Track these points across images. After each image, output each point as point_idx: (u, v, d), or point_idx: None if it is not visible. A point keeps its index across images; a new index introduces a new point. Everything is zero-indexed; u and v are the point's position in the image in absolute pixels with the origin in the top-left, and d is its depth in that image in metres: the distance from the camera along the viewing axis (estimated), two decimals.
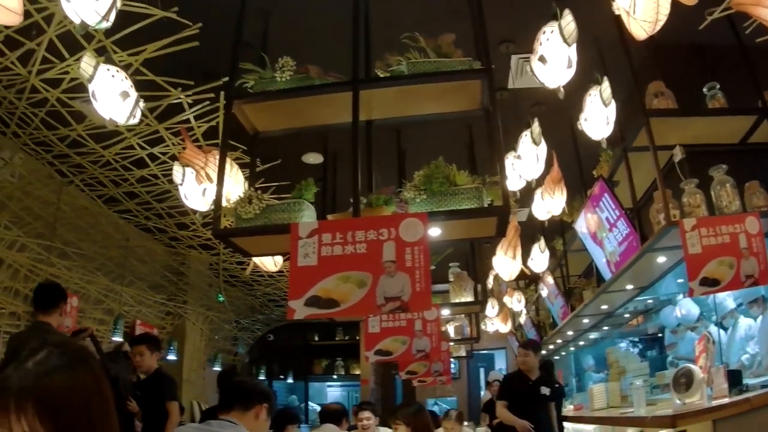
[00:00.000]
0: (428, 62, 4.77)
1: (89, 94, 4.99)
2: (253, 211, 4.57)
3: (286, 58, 5.06)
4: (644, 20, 4.22)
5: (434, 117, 5.22)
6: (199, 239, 11.86)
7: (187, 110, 7.21)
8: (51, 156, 8.80)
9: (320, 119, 5.30)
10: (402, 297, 3.90)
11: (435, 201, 4.34)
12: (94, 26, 4.12)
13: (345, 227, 4.17)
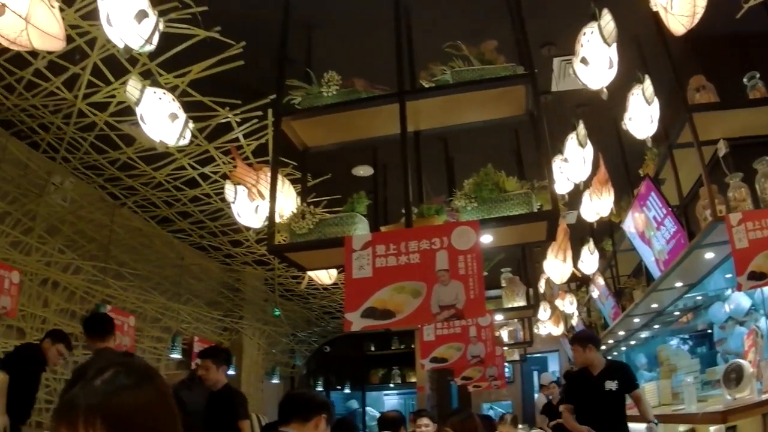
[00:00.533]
0: (472, 70, 4.78)
1: (137, 117, 5.08)
2: (306, 226, 4.61)
3: (331, 72, 5.10)
4: (682, 15, 4.23)
5: (480, 124, 5.21)
6: (253, 255, 11.94)
7: (236, 129, 7.28)
8: (102, 179, 8.93)
9: (368, 132, 5.33)
10: (456, 305, 3.93)
11: (485, 208, 4.36)
12: (138, 50, 4.20)
13: (398, 238, 4.20)
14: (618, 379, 7.20)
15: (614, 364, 7.69)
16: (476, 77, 4.75)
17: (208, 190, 8.91)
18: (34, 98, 6.92)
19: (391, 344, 19.29)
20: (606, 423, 7.09)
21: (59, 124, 7.49)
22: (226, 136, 7.49)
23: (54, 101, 6.99)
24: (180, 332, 12.04)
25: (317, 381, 19.55)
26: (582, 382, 7.48)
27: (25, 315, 8.77)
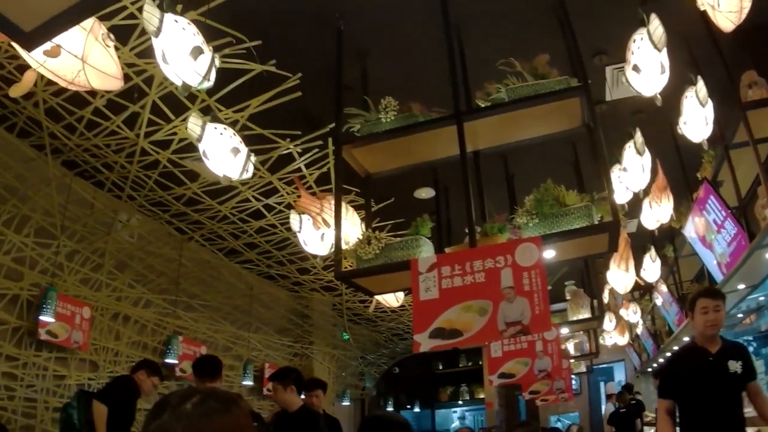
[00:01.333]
0: (526, 86, 4.82)
1: (200, 153, 5.19)
2: (372, 252, 4.70)
3: (388, 98, 5.17)
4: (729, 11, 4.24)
5: (538, 139, 5.24)
6: (321, 282, 12.02)
7: (298, 159, 7.38)
8: (168, 215, 9.09)
9: (428, 155, 5.39)
10: (522, 321, 3.97)
11: (547, 223, 4.41)
12: (196, 87, 4.27)
13: (463, 258, 4.25)
14: (742, 361, 5.17)
15: (733, 343, 5.59)
16: (531, 93, 4.79)
17: (273, 221, 9.02)
18: (95, 138, 7.09)
19: (459, 362, 19.26)
20: (728, 417, 5.10)
21: (123, 162, 7.66)
22: (288, 167, 7.60)
23: (116, 140, 7.15)
24: (251, 360, 12.15)
25: (387, 401, 19.59)
26: (695, 361, 5.28)
27: (98, 348, 8.94)
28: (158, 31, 4.04)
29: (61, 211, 8.16)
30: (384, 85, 5.67)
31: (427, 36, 5.68)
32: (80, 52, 4.06)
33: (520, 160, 7.46)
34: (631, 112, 7.33)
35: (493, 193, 6.39)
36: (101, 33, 4.19)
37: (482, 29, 5.88)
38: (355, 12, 5.69)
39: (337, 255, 5.03)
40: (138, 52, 5.71)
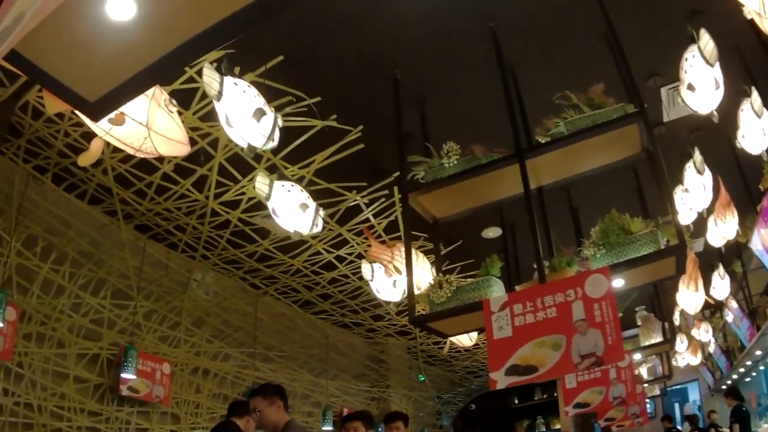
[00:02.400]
0: (584, 117, 4.82)
1: (270, 210, 5.29)
2: (445, 295, 4.73)
3: (450, 143, 5.23)
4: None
5: (600, 169, 5.22)
6: (394, 327, 12.08)
7: (365, 210, 7.50)
8: (242, 272, 9.26)
9: (493, 195, 5.40)
10: (596, 352, 3.95)
11: (614, 253, 4.40)
12: (261, 148, 4.36)
13: (534, 295, 4.26)
14: None
15: None
16: (589, 124, 4.78)
17: (345, 271, 9.13)
18: (166, 202, 7.32)
19: (534, 395, 19.15)
20: None
21: (194, 224, 7.85)
22: (356, 218, 7.71)
23: (186, 203, 7.36)
24: (330, 406, 12.23)
25: None
26: None
27: (179, 401, 9.14)
28: (220, 95, 4.16)
29: (137, 273, 8.38)
30: (444, 129, 5.74)
31: (483, 77, 5.68)
32: (145, 119, 4.17)
33: (583, 191, 7.38)
34: (689, 130, 7.24)
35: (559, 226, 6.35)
36: (163, 99, 4.31)
37: (536, 65, 5.91)
38: (410, 60, 5.78)
39: (410, 301, 5.07)
40: (201, 115, 5.88)
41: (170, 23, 2.45)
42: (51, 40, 2.31)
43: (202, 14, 2.40)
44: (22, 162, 6.87)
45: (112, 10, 2.36)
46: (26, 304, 7.37)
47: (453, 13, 5.42)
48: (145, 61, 2.56)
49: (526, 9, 5.45)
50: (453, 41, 5.72)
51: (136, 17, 2.38)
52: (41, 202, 7.35)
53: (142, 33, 2.46)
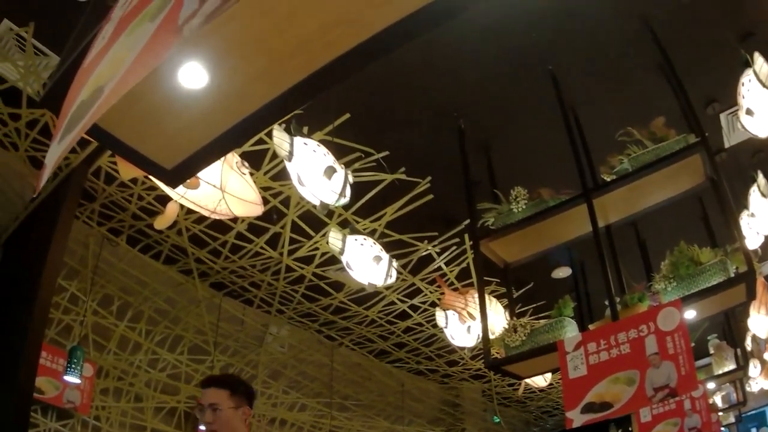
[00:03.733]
0: (647, 152, 4.85)
1: (343, 264, 5.35)
2: (519, 338, 4.78)
3: (517, 188, 5.30)
4: None
5: (666, 202, 5.22)
6: (469, 371, 12.06)
7: (437, 258, 7.55)
8: (317, 324, 9.35)
9: (562, 236, 5.45)
10: (669, 384, 3.95)
11: (684, 285, 4.41)
12: (333, 205, 4.44)
13: (607, 333, 4.28)
14: None
15: None
16: (653, 158, 4.81)
17: (419, 320, 9.15)
18: (240, 260, 7.47)
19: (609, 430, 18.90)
20: None
21: (269, 280, 8.00)
22: (428, 267, 7.77)
23: (260, 260, 7.50)
24: None
25: None
26: None
27: None
28: (290, 155, 4.24)
29: (213, 329, 8.52)
30: (510, 174, 5.81)
31: (545, 120, 5.74)
32: (218, 182, 4.29)
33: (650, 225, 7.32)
34: (750, 153, 7.15)
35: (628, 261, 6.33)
36: (235, 161, 4.43)
37: (596, 103, 5.93)
38: (473, 108, 5.87)
39: (485, 345, 5.10)
40: (272, 174, 6.04)
41: (243, 91, 2.53)
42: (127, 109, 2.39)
43: (273, 82, 2.49)
44: (96, 225, 7.10)
45: (185, 80, 2.44)
46: (103, 360, 7.57)
47: (512, 58, 5.51)
48: (219, 129, 2.65)
49: (583, 49, 5.51)
50: (513, 86, 5.81)
51: (209, 86, 2.47)
52: (116, 263, 7.57)
53: (215, 101, 2.55)
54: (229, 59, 2.43)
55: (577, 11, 5.15)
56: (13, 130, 5.66)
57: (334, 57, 2.37)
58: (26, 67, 5.20)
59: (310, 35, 2.32)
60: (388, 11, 2.22)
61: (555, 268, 8.81)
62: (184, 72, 2.41)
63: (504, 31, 5.23)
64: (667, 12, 5.16)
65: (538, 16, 5.17)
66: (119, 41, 1.97)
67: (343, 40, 2.32)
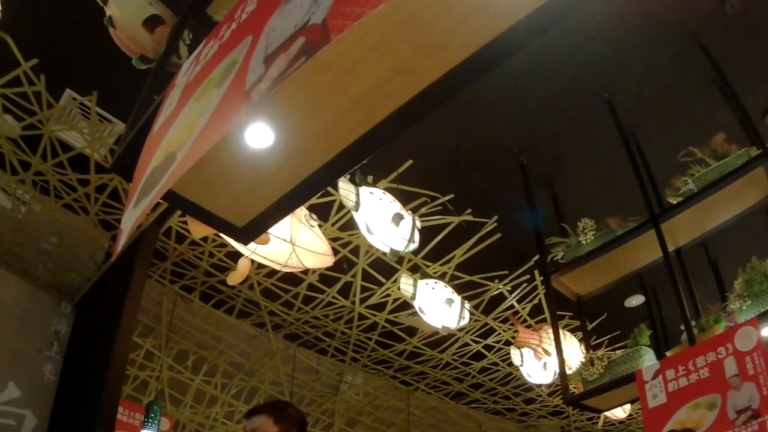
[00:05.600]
0: (711, 171, 4.83)
1: (416, 309, 5.40)
2: (597, 371, 4.76)
3: (584, 220, 5.33)
4: None
5: (734, 219, 5.17)
6: (547, 408, 11.94)
7: (509, 297, 7.53)
8: (392, 370, 9.32)
9: (632, 264, 5.44)
10: (752, 405, 3.88)
11: (760, 302, 4.33)
12: (403, 251, 4.48)
13: (685, 359, 4.25)
14: None
15: None
16: (717, 176, 4.79)
17: (494, 359, 9.08)
18: (313, 310, 7.54)
19: None
20: None
21: (342, 329, 8.03)
22: (501, 306, 7.74)
23: (333, 310, 7.57)
24: None
25: None
26: None
27: None
28: (357, 206, 4.31)
29: (288, 380, 8.57)
30: (576, 206, 5.87)
31: (606, 148, 5.74)
32: (288, 236, 4.36)
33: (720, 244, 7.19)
34: None
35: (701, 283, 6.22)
36: (304, 215, 4.50)
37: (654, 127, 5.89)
38: (533, 144, 5.91)
39: (563, 381, 5.12)
40: (340, 225, 6.12)
41: (307, 149, 2.60)
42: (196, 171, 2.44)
43: (337, 137, 2.56)
44: (169, 283, 7.23)
45: (251, 140, 2.51)
46: (179, 414, 7.65)
47: (567, 90, 5.51)
48: (286, 187, 2.73)
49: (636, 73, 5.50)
50: (571, 118, 5.81)
51: (274, 145, 2.53)
52: (190, 319, 7.68)
53: (281, 159, 2.62)
54: (292, 118, 2.49)
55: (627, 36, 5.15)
56: (83, 195, 5.84)
57: (395, 107, 2.43)
58: (92, 134, 5.40)
59: (369, 88, 2.37)
60: (445, 57, 2.26)
61: (628, 297, 8.69)
62: (250, 132, 2.48)
63: (556, 63, 5.25)
64: (715, 25, 5.13)
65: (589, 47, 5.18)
66: (187, 107, 2.05)
67: (402, 90, 2.38)
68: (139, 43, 3.34)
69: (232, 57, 1.96)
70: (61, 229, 6.23)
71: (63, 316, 6.47)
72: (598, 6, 4.82)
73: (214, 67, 2.07)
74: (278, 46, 1.71)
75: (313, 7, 1.65)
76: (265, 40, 1.80)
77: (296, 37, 1.65)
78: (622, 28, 5.09)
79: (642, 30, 5.13)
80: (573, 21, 4.77)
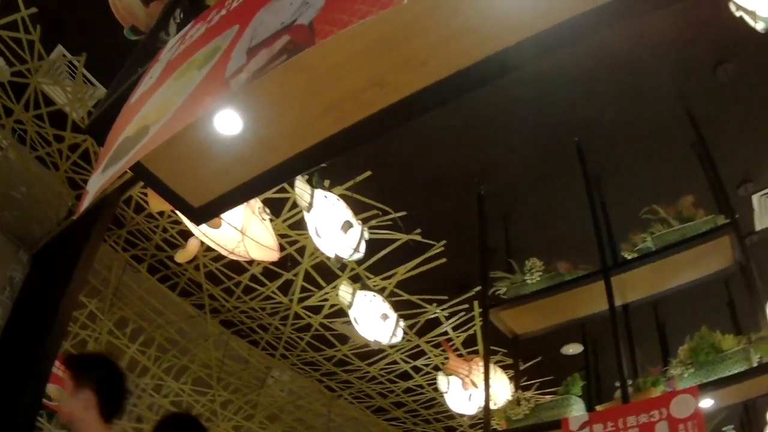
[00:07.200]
0: (673, 231, 4.75)
1: (350, 318, 5.45)
2: (522, 412, 4.69)
3: (533, 259, 5.25)
4: None
5: (689, 284, 5.10)
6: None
7: (445, 322, 7.52)
8: (319, 374, 9.34)
9: (576, 312, 5.38)
10: None
11: (703, 372, 4.25)
12: (347, 258, 4.56)
13: (615, 415, 4.20)
14: None
15: None
16: (678, 238, 4.70)
17: (421, 382, 9.09)
18: (252, 301, 7.52)
19: None
20: None
21: (277, 325, 8.02)
22: (435, 331, 7.73)
23: (271, 304, 7.55)
24: None
25: None
26: None
27: None
28: (310, 207, 4.38)
29: (218, 365, 8.62)
30: (528, 244, 5.85)
31: (568, 192, 5.69)
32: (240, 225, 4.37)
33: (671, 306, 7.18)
34: None
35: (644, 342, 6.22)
36: (257, 207, 4.50)
37: (622, 178, 5.90)
38: (495, 175, 5.89)
39: (486, 416, 5.07)
40: (290, 223, 6.10)
41: (273, 143, 2.62)
42: (164, 147, 2.43)
43: (303, 136, 2.58)
44: (121, 250, 7.24)
45: (221, 125, 2.53)
46: None
47: (538, 128, 5.53)
48: (246, 176, 2.75)
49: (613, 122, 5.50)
50: (538, 156, 5.82)
51: (242, 134, 2.56)
52: (135, 289, 7.72)
53: (246, 149, 2.64)
54: (264, 112, 2.53)
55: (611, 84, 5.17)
56: (56, 150, 5.87)
57: (365, 117, 2.45)
58: (74, 94, 5.45)
59: (343, 94, 2.41)
60: (422, 75, 2.30)
61: (566, 344, 8.73)
62: (222, 119, 2.50)
63: (532, 100, 5.26)
64: (704, 88, 5.14)
65: (570, 87, 5.19)
66: (167, 84, 2.06)
67: (375, 101, 2.40)
68: (133, 13, 3.46)
69: (217, 43, 1.98)
70: (31, 180, 6.26)
71: (19, 264, 6.52)
72: (589, 49, 4.80)
73: (198, 49, 2.08)
74: (263, 40, 1.74)
75: (302, 8, 1.68)
76: (251, 32, 1.82)
77: (281, 35, 1.68)
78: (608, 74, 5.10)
79: (628, 80, 5.15)
80: (561, 59, 4.78)
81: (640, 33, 4.78)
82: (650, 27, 4.69)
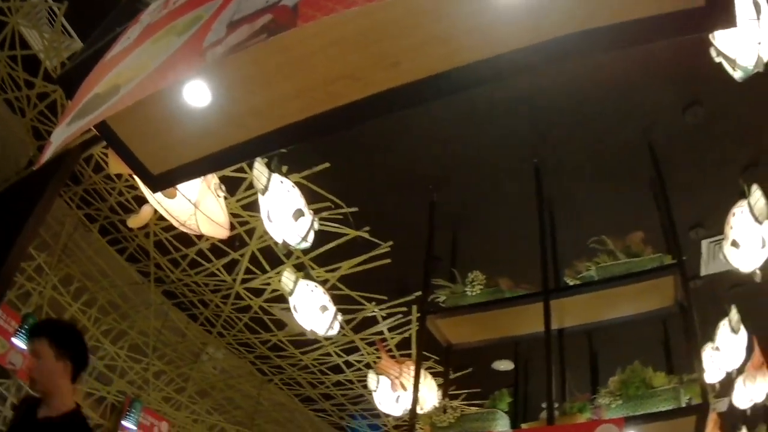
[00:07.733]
0: (618, 264, 4.77)
1: (290, 306, 5.46)
2: (447, 420, 4.70)
3: (475, 272, 5.27)
4: None
5: (628, 318, 5.13)
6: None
7: (381, 323, 7.60)
8: (253, 356, 9.38)
9: (512, 329, 5.39)
10: None
11: (631, 405, 4.27)
12: (294, 246, 4.54)
13: None
14: None
15: None
16: (623, 271, 4.72)
17: (351, 377, 9.16)
18: (196, 276, 7.56)
19: None
20: None
21: (218, 302, 8.07)
22: (371, 329, 7.80)
23: (214, 281, 7.60)
24: None
25: None
26: None
27: None
28: (265, 190, 4.40)
29: (156, 334, 8.68)
30: (473, 257, 5.83)
31: (519, 211, 5.69)
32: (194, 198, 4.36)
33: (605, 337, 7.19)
34: (728, 286, 6.84)
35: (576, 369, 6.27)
36: (213, 183, 4.50)
37: (575, 205, 5.94)
38: (449, 185, 5.91)
39: (411, 420, 5.08)
40: (244, 204, 6.14)
41: (240, 121, 2.63)
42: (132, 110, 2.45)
43: (270, 117, 2.59)
44: (75, 208, 7.28)
45: (190, 96, 2.53)
46: None
47: (498, 145, 5.57)
48: (208, 150, 2.76)
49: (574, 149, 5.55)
50: (494, 172, 5.87)
51: (210, 107, 2.57)
52: (85, 248, 7.82)
53: (212, 123, 2.65)
54: (236, 87, 2.54)
55: (578, 112, 5.21)
56: (25, 96, 5.88)
57: (333, 107, 2.47)
58: (51, 41, 5.46)
59: (315, 82, 2.43)
60: (394, 75, 2.32)
61: (498, 360, 8.77)
62: (193, 89, 2.50)
63: (496, 117, 5.30)
64: (671, 129, 5.20)
65: (536, 109, 5.22)
66: (143, 46, 2.05)
67: (344, 93, 2.43)
68: None
69: (199, 12, 1.95)
70: None
71: None
72: (562, 73, 4.85)
73: (179, 15, 2.05)
74: (245, 15, 1.72)
75: None
76: (235, 6, 1.80)
77: (264, 12, 1.67)
78: (576, 101, 5.13)
79: (596, 108, 5.18)
80: (531, 80, 4.82)
81: (616, 63, 4.81)
82: (628, 58, 4.72)
